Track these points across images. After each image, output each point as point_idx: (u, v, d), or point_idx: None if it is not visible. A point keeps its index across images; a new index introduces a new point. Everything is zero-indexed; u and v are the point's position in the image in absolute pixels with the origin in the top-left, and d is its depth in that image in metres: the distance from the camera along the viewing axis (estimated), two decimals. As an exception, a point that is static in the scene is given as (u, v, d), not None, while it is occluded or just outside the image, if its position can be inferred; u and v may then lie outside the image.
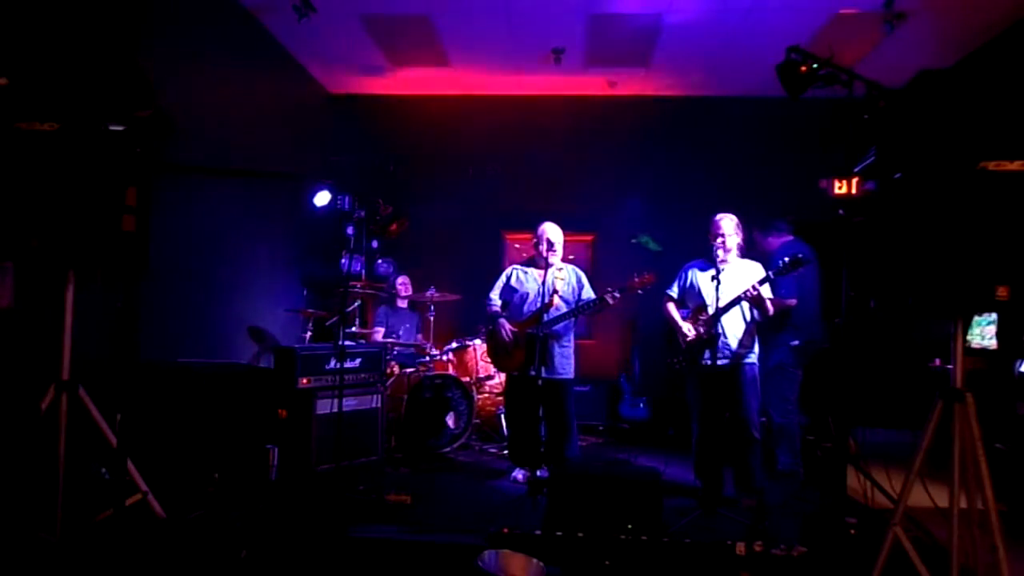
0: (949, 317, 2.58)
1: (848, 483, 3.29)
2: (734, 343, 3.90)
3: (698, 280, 4.09)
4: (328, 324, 6.14)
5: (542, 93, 7.05)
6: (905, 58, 5.34)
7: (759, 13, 5.10)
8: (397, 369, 5.51)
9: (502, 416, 5.55)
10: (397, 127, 7.22)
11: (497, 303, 4.58)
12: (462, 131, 7.15)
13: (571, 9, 5.19)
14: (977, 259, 2.39)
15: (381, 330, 5.87)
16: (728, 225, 4.01)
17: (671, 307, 4.19)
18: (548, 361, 4.29)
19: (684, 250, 4.50)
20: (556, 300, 4.29)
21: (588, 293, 4.45)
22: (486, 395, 5.73)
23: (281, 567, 3.03)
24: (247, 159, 5.31)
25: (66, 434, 2.72)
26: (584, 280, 4.51)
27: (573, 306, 4.34)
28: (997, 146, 2.41)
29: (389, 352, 5.35)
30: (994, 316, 4.61)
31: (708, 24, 5.34)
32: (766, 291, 3.82)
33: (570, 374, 4.41)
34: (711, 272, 3.78)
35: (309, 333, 5.76)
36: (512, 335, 4.38)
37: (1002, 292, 2.37)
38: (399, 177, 7.04)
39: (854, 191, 3.92)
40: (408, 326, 6.07)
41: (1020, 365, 4.32)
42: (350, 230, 6.37)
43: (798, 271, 3.79)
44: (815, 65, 3.28)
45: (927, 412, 2.57)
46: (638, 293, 4.18)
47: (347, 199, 6.34)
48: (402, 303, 6.13)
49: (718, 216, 4.05)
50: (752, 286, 3.76)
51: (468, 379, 5.57)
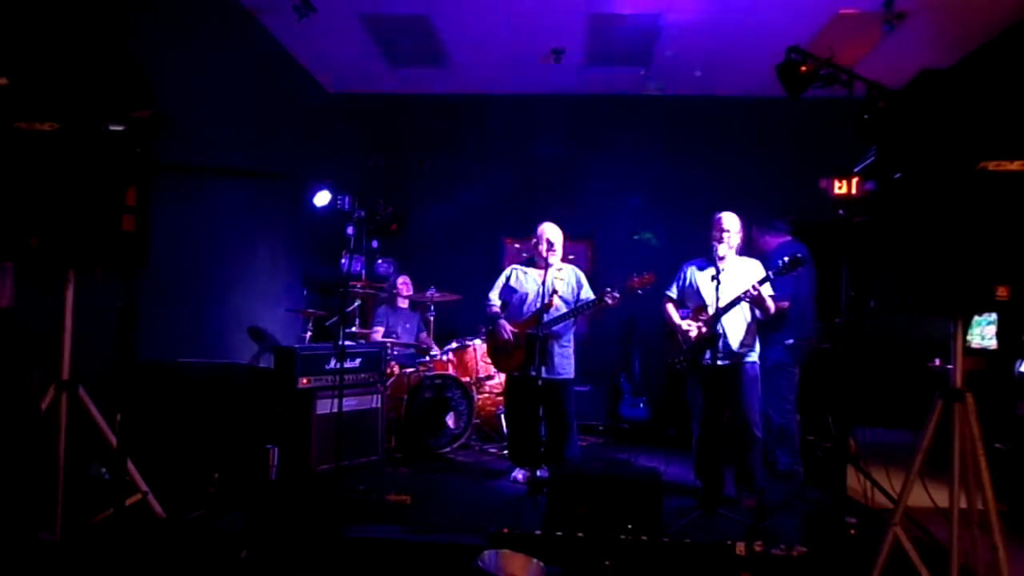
0: (949, 317, 2.58)
1: (848, 483, 3.29)
2: (735, 342, 3.90)
3: (697, 280, 4.08)
4: (328, 324, 6.14)
5: (542, 93, 7.06)
6: (905, 58, 5.34)
7: (759, 13, 5.10)
8: (397, 369, 5.51)
9: (502, 416, 5.54)
10: (397, 127, 7.22)
11: (496, 304, 4.57)
12: (462, 131, 7.15)
13: (571, 9, 5.19)
14: (977, 259, 2.39)
15: (380, 329, 5.87)
16: (732, 222, 4.00)
17: (670, 308, 4.18)
18: (548, 361, 4.29)
19: (684, 250, 4.49)
20: (556, 300, 4.29)
21: (587, 293, 4.44)
22: (486, 395, 5.73)
23: (281, 567, 3.03)
24: (247, 159, 5.31)
25: (66, 434, 2.72)
26: (583, 280, 4.51)
27: (572, 306, 4.34)
28: (997, 146, 2.41)
29: (389, 352, 5.35)
30: (994, 316, 4.61)
31: (708, 24, 5.34)
32: (766, 290, 3.82)
33: (570, 374, 4.41)
34: (711, 271, 3.78)
35: (309, 333, 5.75)
36: (512, 335, 4.38)
37: (1002, 292, 2.38)
38: (399, 176, 7.06)
39: (854, 191, 3.92)
40: (408, 326, 6.07)
41: (1020, 365, 4.32)
42: (350, 230, 6.36)
43: (796, 271, 3.80)
44: (815, 65, 3.28)
45: (927, 412, 2.57)
46: (638, 293, 4.18)
47: (347, 199, 6.34)
48: (403, 303, 6.13)
49: (721, 213, 4.04)
50: (752, 286, 3.76)
51: (468, 379, 5.57)
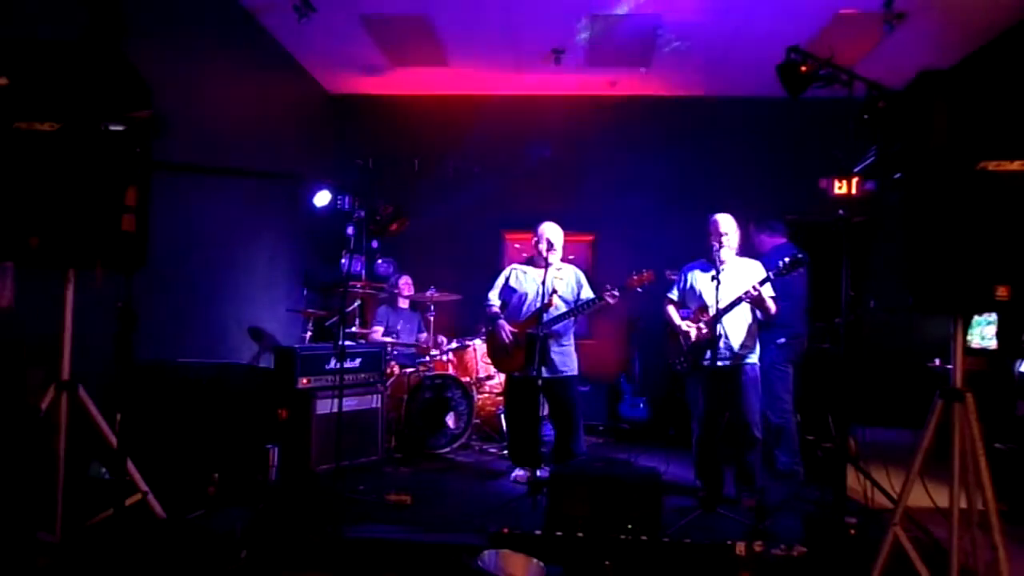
0: (949, 317, 2.58)
1: (848, 483, 3.29)
2: (736, 343, 3.90)
3: (698, 281, 4.08)
4: (328, 324, 6.14)
5: (542, 93, 7.06)
6: (905, 58, 5.33)
7: (759, 13, 5.10)
8: (397, 369, 5.51)
9: (502, 416, 5.54)
10: (397, 127, 7.22)
11: (496, 304, 4.57)
12: (462, 131, 7.15)
13: (571, 9, 5.20)
14: (977, 259, 2.39)
15: (380, 329, 5.87)
16: (728, 223, 4.00)
17: (671, 309, 4.19)
18: (549, 361, 4.28)
19: (684, 250, 4.49)
20: (555, 300, 4.27)
21: (587, 293, 4.43)
22: (486, 395, 5.73)
23: (281, 567, 3.03)
24: (247, 159, 5.31)
25: (66, 434, 2.72)
26: (583, 280, 4.50)
27: (572, 306, 4.34)
28: (997, 146, 2.41)
29: (389, 352, 5.35)
30: (994, 316, 4.61)
31: (708, 24, 5.34)
32: (767, 291, 3.82)
33: (572, 371, 4.40)
34: (711, 273, 3.78)
35: (309, 333, 5.76)
36: (511, 336, 4.38)
37: (1002, 292, 2.38)
38: (399, 176, 7.05)
39: (854, 191, 3.93)
40: (409, 326, 6.07)
41: (1020, 365, 4.33)
42: (350, 230, 6.36)
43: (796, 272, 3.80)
44: (815, 65, 3.28)
45: (927, 412, 2.57)
46: (637, 291, 4.18)
47: (347, 199, 6.33)
48: (403, 303, 6.13)
49: (717, 215, 4.04)
50: (752, 287, 3.76)
51: (468, 379, 5.57)
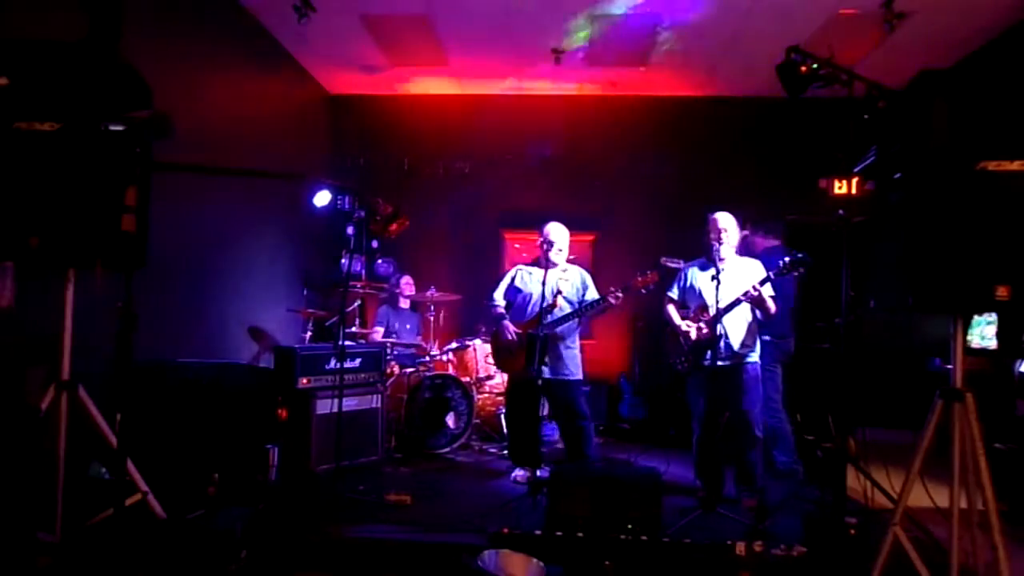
0: (949, 317, 2.58)
1: (848, 483, 3.29)
2: (736, 342, 3.90)
3: (698, 281, 4.08)
4: (328, 324, 6.14)
5: (542, 93, 7.06)
6: (905, 58, 5.33)
7: (759, 13, 5.10)
8: (397, 369, 5.51)
9: (502, 416, 5.54)
10: (397, 127, 7.22)
11: (501, 304, 4.54)
12: (462, 131, 7.15)
13: (571, 9, 5.19)
14: (977, 259, 2.39)
15: (380, 329, 5.87)
16: (727, 221, 3.99)
17: (671, 308, 4.18)
18: (554, 362, 4.25)
19: (684, 250, 4.49)
20: (559, 301, 4.24)
21: (592, 294, 4.40)
22: (486, 395, 5.73)
23: (281, 567, 3.03)
24: (247, 159, 5.31)
25: (66, 434, 2.72)
26: (589, 281, 4.47)
27: (577, 307, 4.31)
28: (997, 146, 2.41)
29: (389, 352, 5.35)
30: (994, 316, 4.61)
31: (708, 24, 5.34)
32: (767, 291, 3.82)
33: (577, 375, 4.36)
34: (711, 272, 3.77)
35: (309, 333, 5.75)
36: (515, 336, 4.36)
37: (1002, 292, 2.38)
38: (399, 177, 7.05)
39: (854, 191, 3.92)
40: (409, 326, 6.07)
41: (1020, 365, 4.32)
42: (350, 230, 6.36)
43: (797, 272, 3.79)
44: (815, 65, 3.27)
45: (927, 412, 2.57)
46: (641, 292, 4.16)
47: (347, 199, 6.34)
48: (404, 303, 6.13)
49: (716, 213, 4.03)
50: (753, 286, 3.76)
51: (468, 379, 5.57)
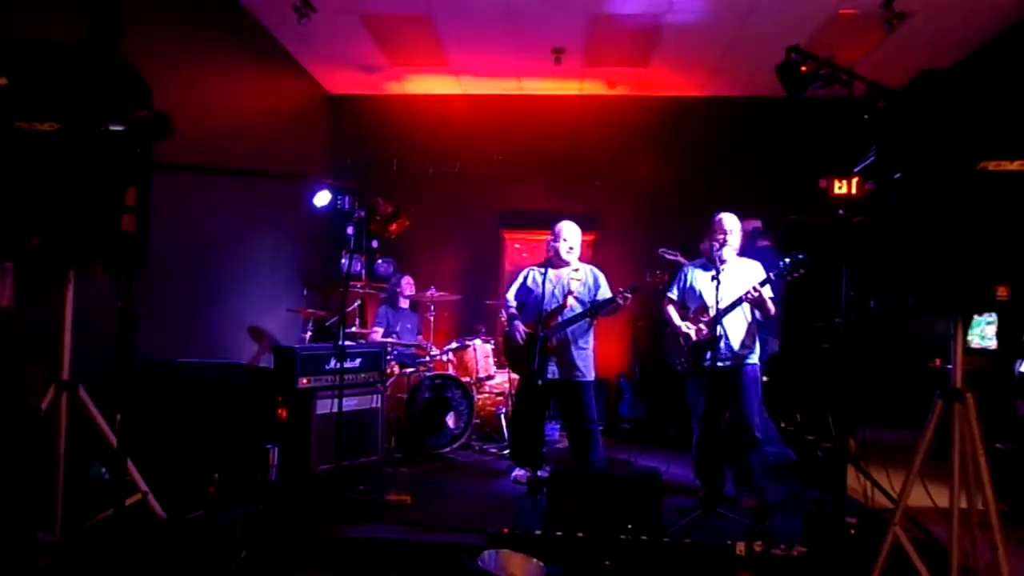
0: (949, 317, 2.58)
1: (848, 483, 3.29)
2: (736, 343, 3.89)
3: (698, 281, 4.07)
4: (328, 324, 6.14)
5: (542, 93, 7.06)
6: (905, 58, 5.34)
7: (759, 13, 5.10)
8: (397, 369, 5.51)
9: (502, 416, 5.54)
10: (397, 127, 7.22)
11: (513, 304, 4.48)
12: (462, 131, 7.15)
13: (571, 9, 5.19)
14: (977, 259, 2.39)
15: (380, 330, 5.87)
16: (732, 223, 3.98)
17: (671, 309, 4.17)
18: (564, 363, 4.18)
19: (684, 250, 4.49)
20: (570, 301, 4.17)
21: (605, 292, 4.28)
22: (486, 395, 5.73)
23: (281, 567, 3.03)
24: (247, 159, 5.31)
25: (66, 434, 2.72)
26: (602, 280, 4.36)
27: (588, 307, 4.22)
28: (997, 146, 2.41)
29: (389, 352, 5.35)
30: (994, 316, 4.61)
31: (708, 24, 5.34)
32: (767, 292, 3.82)
33: (587, 377, 4.24)
34: (711, 273, 3.77)
35: (309, 333, 5.75)
36: (526, 336, 4.33)
37: (1002, 292, 2.38)
38: (398, 176, 7.06)
39: (854, 191, 3.92)
40: (409, 326, 6.07)
41: (1020, 365, 4.33)
42: (350, 230, 6.35)
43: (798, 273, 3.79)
44: (815, 65, 3.27)
45: (927, 412, 2.57)
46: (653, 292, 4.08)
47: (347, 199, 6.33)
48: (404, 303, 6.13)
49: (721, 214, 4.02)
50: (753, 287, 3.76)
51: (468, 379, 5.57)
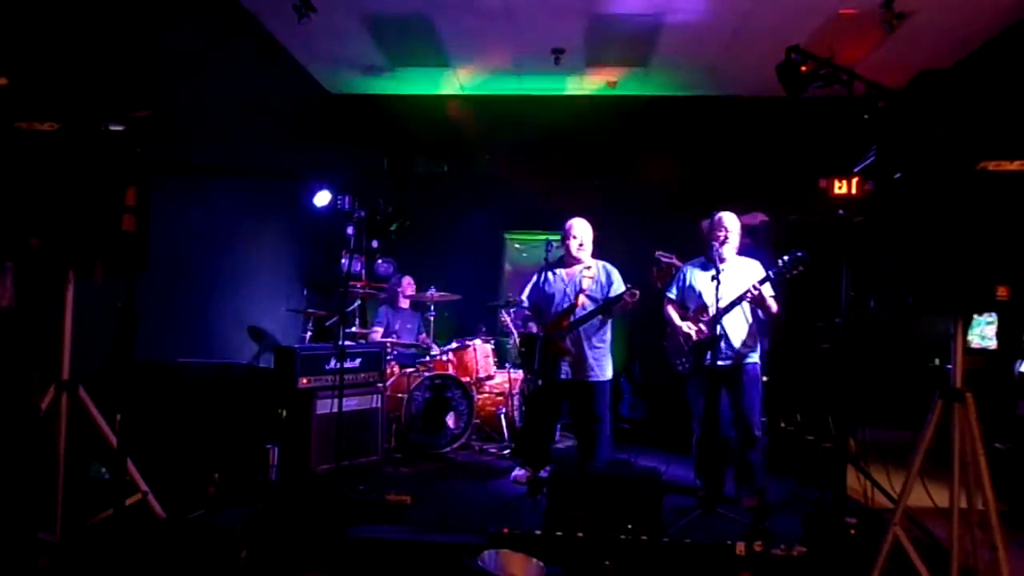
0: (949, 317, 2.58)
1: (848, 483, 3.29)
2: (737, 343, 3.89)
3: (697, 281, 4.06)
4: (328, 324, 6.15)
5: (542, 93, 7.06)
6: (905, 58, 5.34)
7: (759, 13, 5.10)
8: (397, 369, 5.51)
9: (502, 416, 5.54)
10: (396, 127, 7.22)
11: (527, 305, 4.42)
12: (462, 131, 7.15)
13: (571, 9, 5.19)
14: (977, 259, 2.39)
15: (379, 330, 5.86)
16: (732, 222, 3.97)
17: (671, 309, 4.17)
18: (577, 363, 4.10)
19: (684, 249, 4.49)
20: (582, 299, 4.09)
21: (618, 289, 4.13)
22: (486, 395, 5.73)
23: (281, 567, 3.03)
24: (247, 159, 5.31)
25: (66, 434, 2.72)
26: (615, 276, 4.22)
27: (599, 304, 4.11)
28: (997, 146, 2.41)
29: (389, 352, 5.35)
30: (994, 316, 4.61)
31: (708, 24, 5.34)
32: (767, 290, 3.81)
33: (600, 376, 4.11)
34: (711, 272, 3.76)
35: (309, 333, 5.76)
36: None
37: (1002, 292, 2.38)
38: (399, 177, 7.06)
39: (854, 191, 3.92)
40: (410, 326, 6.07)
41: (1020, 365, 4.33)
42: (350, 230, 6.36)
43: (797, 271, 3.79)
44: (815, 65, 3.28)
45: (927, 412, 2.57)
46: (658, 287, 4.02)
47: (347, 199, 6.33)
48: (404, 303, 6.13)
49: (721, 213, 4.01)
50: (753, 286, 3.75)
51: (468, 379, 5.57)
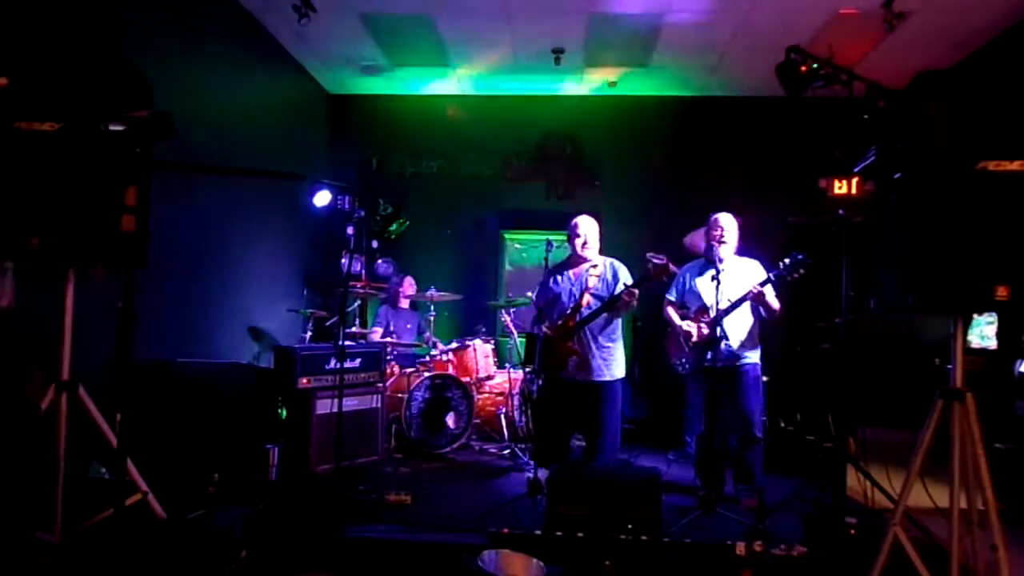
0: (949, 316, 2.58)
1: (848, 483, 3.29)
2: (737, 343, 3.90)
3: (697, 282, 4.07)
4: (328, 324, 6.15)
5: (543, 93, 7.06)
6: (905, 58, 5.34)
7: (759, 13, 5.10)
8: (397, 369, 5.51)
9: (502, 416, 5.54)
10: (396, 127, 7.22)
11: (539, 306, 4.33)
12: (462, 131, 7.15)
13: (571, 9, 5.19)
14: (977, 259, 2.39)
15: (379, 330, 5.87)
16: (728, 222, 3.98)
17: (671, 310, 4.18)
18: (584, 363, 4.00)
19: (684, 250, 4.49)
20: (587, 298, 4.00)
21: (623, 286, 3.99)
22: (486, 395, 5.73)
23: (281, 567, 3.03)
24: (247, 159, 5.31)
25: (66, 434, 2.72)
26: (621, 273, 4.09)
27: (604, 302, 4.00)
28: (997, 146, 2.41)
29: (389, 352, 5.35)
30: (994, 316, 4.61)
31: (708, 24, 5.34)
32: (768, 290, 3.82)
33: (605, 376, 3.99)
34: (711, 273, 3.77)
35: (309, 333, 5.75)
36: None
37: (1002, 292, 2.38)
38: (398, 176, 7.06)
39: (854, 191, 3.92)
40: (409, 326, 6.07)
41: (1020, 365, 4.32)
42: (350, 230, 6.36)
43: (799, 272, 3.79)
44: (815, 65, 3.28)
45: (927, 412, 2.57)
46: (663, 280, 3.92)
47: (347, 199, 6.34)
48: (404, 303, 6.13)
49: (717, 214, 4.02)
50: (753, 287, 3.76)
51: (468, 379, 5.57)
